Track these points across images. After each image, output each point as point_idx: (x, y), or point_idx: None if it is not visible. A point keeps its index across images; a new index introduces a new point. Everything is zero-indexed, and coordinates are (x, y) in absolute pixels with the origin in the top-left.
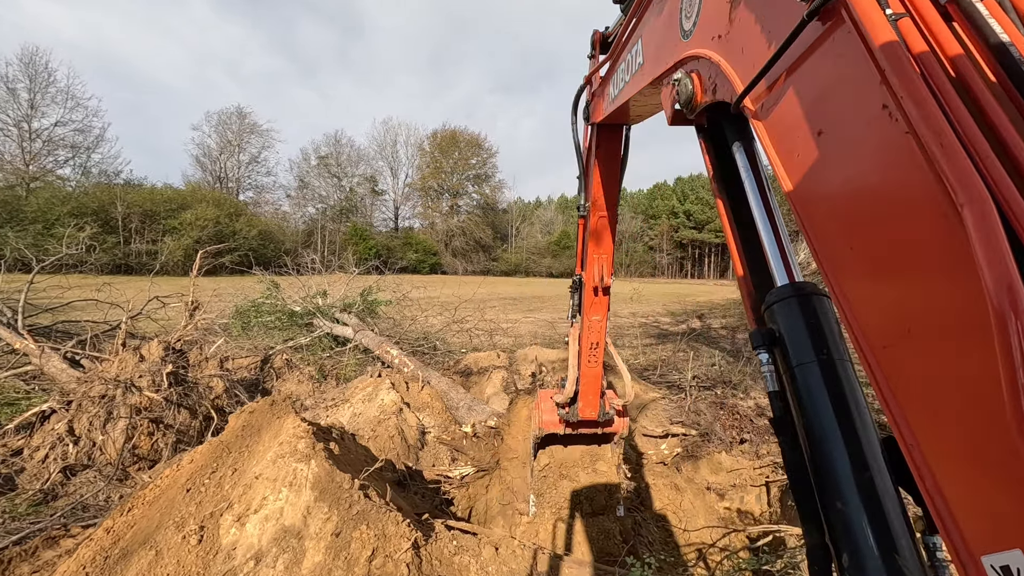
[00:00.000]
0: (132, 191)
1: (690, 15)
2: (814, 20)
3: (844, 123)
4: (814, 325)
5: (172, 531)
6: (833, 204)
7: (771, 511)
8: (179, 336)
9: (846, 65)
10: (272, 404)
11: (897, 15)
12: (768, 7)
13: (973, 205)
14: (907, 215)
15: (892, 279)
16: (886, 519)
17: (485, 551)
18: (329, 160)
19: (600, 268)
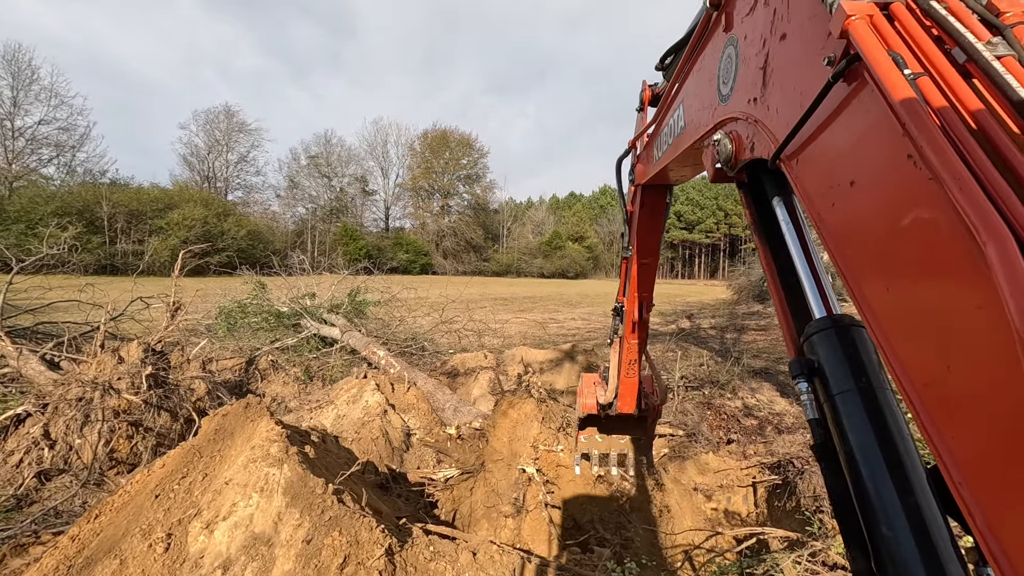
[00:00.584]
0: (118, 190)
1: (727, 81)
2: (839, 82)
3: (874, 173)
4: (853, 354)
5: (138, 539)
6: (868, 249)
7: (758, 512)
8: (160, 337)
9: (872, 121)
10: (246, 407)
11: (916, 74)
12: (797, 71)
13: (994, 242)
14: (937, 256)
15: (928, 318)
16: (934, 546)
17: (462, 557)
18: (319, 160)
19: (640, 304)
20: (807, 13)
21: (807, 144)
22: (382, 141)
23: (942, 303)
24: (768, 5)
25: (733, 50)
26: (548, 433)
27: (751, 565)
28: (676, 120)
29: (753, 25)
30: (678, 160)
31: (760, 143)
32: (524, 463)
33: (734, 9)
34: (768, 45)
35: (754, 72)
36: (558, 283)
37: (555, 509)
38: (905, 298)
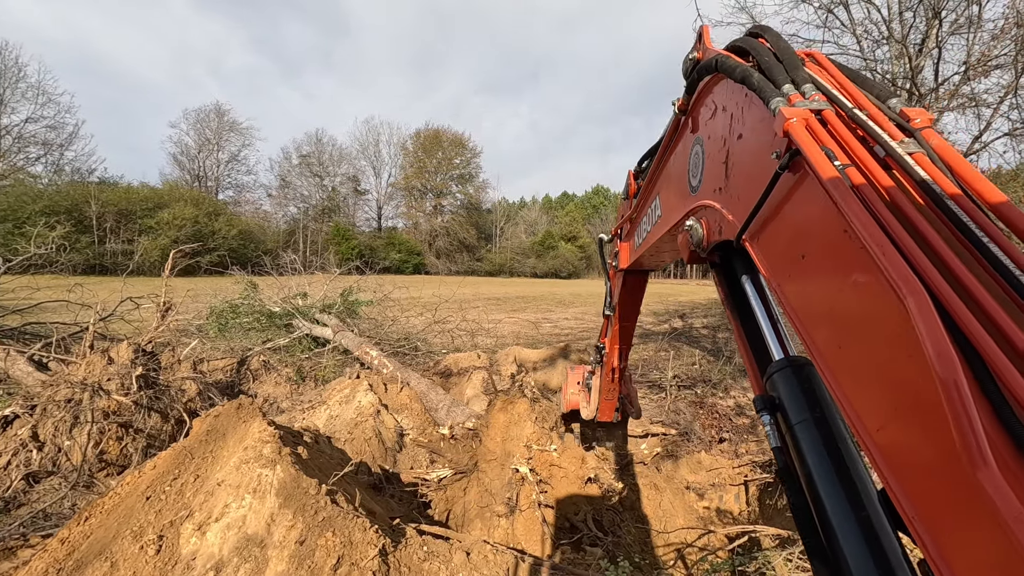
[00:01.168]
0: (107, 189)
1: (696, 174)
2: (785, 172)
3: (819, 247)
4: (807, 389)
5: (129, 541)
6: (820, 312)
7: (750, 510)
8: (150, 338)
9: (813, 203)
10: (238, 407)
11: (845, 165)
12: (752, 164)
13: (912, 297)
14: (873, 313)
15: (873, 369)
16: (887, 557)
17: (456, 557)
18: (311, 159)
19: (618, 354)
20: (757, 117)
21: (765, 225)
22: (374, 140)
23: (882, 354)
24: (726, 111)
25: (700, 148)
26: (542, 433)
27: (743, 563)
28: (654, 210)
29: (715, 127)
30: (656, 245)
31: (726, 226)
32: (518, 463)
33: (699, 114)
34: (728, 143)
35: (718, 166)
36: (551, 283)
37: (548, 508)
38: (853, 352)
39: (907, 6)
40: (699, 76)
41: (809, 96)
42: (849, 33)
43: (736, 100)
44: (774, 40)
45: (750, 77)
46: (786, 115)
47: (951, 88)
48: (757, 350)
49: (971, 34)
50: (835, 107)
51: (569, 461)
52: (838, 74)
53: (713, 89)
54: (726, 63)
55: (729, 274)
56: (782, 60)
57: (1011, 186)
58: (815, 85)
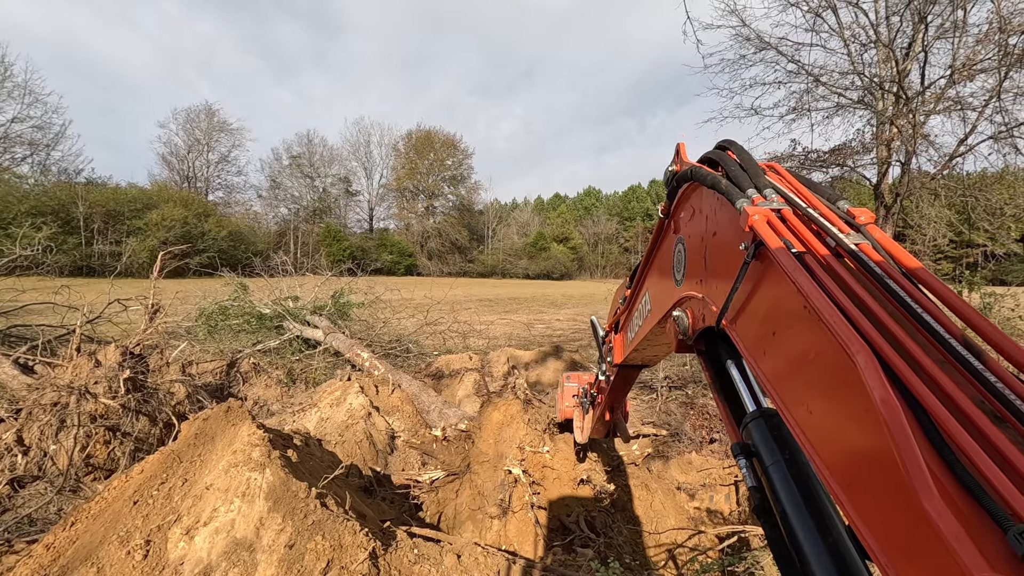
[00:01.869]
0: (95, 190)
1: (680, 269)
2: (754, 260)
3: (786, 323)
4: (777, 435)
5: (116, 546)
6: (791, 382)
7: (740, 510)
8: (138, 340)
9: (778, 285)
10: (227, 411)
11: (801, 253)
12: (726, 257)
13: (859, 355)
14: (833, 376)
15: (838, 427)
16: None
17: (447, 559)
18: (301, 160)
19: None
20: (727, 217)
21: (741, 309)
22: (365, 141)
23: (842, 411)
24: (702, 213)
25: (682, 246)
26: (534, 434)
27: (733, 563)
28: (644, 305)
29: (694, 227)
30: (647, 339)
31: (708, 314)
32: (510, 464)
33: (680, 218)
34: (705, 240)
35: (698, 260)
36: (543, 284)
37: (541, 510)
38: (821, 415)
39: (894, 11)
40: (678, 185)
41: (769, 198)
42: (837, 37)
43: (710, 204)
44: (740, 152)
45: (719, 183)
46: (750, 213)
47: (937, 92)
48: (736, 411)
49: (956, 39)
50: (792, 207)
51: (561, 463)
52: (794, 181)
53: (690, 195)
54: (699, 173)
55: (714, 360)
56: (746, 169)
57: (994, 189)
58: (775, 189)
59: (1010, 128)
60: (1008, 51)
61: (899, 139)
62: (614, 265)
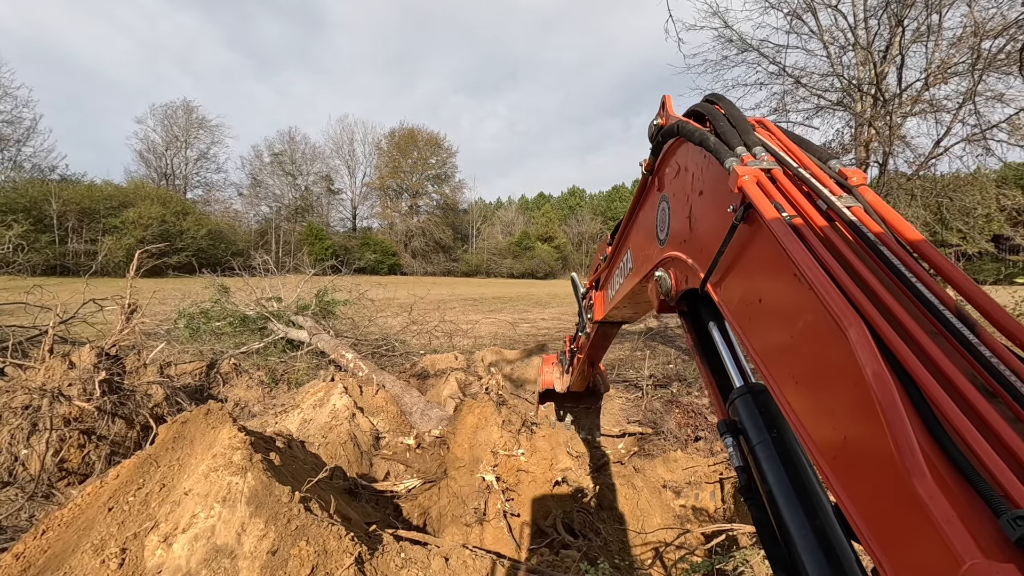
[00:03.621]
0: (68, 187)
1: (663, 229)
2: (742, 223)
3: (773, 290)
4: (765, 412)
5: (89, 555)
6: (778, 350)
7: (725, 507)
8: (114, 341)
9: (766, 250)
10: (207, 413)
11: (792, 216)
12: (712, 218)
13: (852, 327)
14: (822, 345)
15: (824, 399)
16: (840, 564)
17: (435, 563)
18: (283, 157)
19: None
20: (715, 176)
21: (726, 273)
22: (348, 139)
23: (832, 385)
24: (688, 171)
25: (666, 204)
26: (508, 436)
27: (721, 562)
28: (626, 263)
29: (679, 185)
30: (628, 297)
31: (692, 276)
32: (483, 471)
33: (664, 175)
34: (691, 200)
35: (682, 220)
36: (528, 283)
37: (515, 517)
38: (808, 386)
39: (871, 13)
40: (663, 140)
41: (759, 157)
42: (817, 39)
43: (696, 161)
44: (728, 107)
45: (707, 140)
46: (739, 173)
47: (914, 94)
48: (721, 383)
49: (931, 42)
50: (782, 167)
51: (537, 464)
52: (784, 138)
53: (676, 151)
54: (686, 128)
55: (696, 322)
56: (735, 125)
57: (967, 190)
58: (765, 147)
59: (983, 130)
60: (981, 55)
61: (877, 140)
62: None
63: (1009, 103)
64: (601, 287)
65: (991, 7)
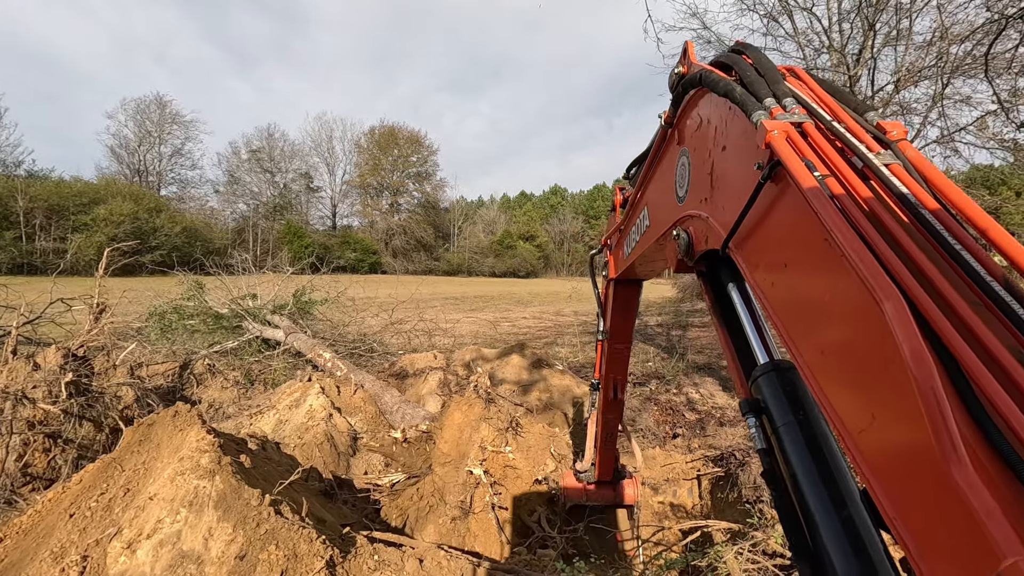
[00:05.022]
0: (36, 183)
1: (682, 185)
2: (768, 182)
3: (801, 255)
4: (791, 392)
5: (49, 563)
6: (803, 318)
7: (702, 503)
8: (82, 342)
9: (795, 212)
10: (174, 415)
11: (824, 176)
12: (736, 175)
13: (889, 301)
14: (854, 317)
15: (853, 373)
16: (868, 556)
17: (409, 565)
18: (261, 154)
19: (614, 385)
20: (740, 130)
21: (749, 235)
22: (327, 137)
23: (862, 359)
24: (711, 124)
25: (686, 159)
26: (496, 434)
27: (695, 558)
28: (643, 220)
29: (700, 139)
30: (646, 255)
31: (712, 236)
32: (472, 464)
33: (685, 127)
34: (713, 155)
35: (703, 177)
36: (509, 282)
37: (503, 510)
38: (834, 358)
39: (844, 17)
40: (684, 90)
41: (790, 109)
42: (792, 41)
43: (720, 113)
44: (756, 56)
45: (733, 91)
46: (768, 128)
47: (885, 97)
48: (743, 355)
49: (902, 46)
50: (815, 120)
51: (524, 462)
52: (818, 88)
53: (698, 103)
54: (710, 77)
55: (715, 283)
56: (764, 75)
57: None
58: (795, 99)
59: (951, 132)
60: (948, 59)
61: None
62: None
63: (976, 106)
64: (616, 247)
65: (959, 12)
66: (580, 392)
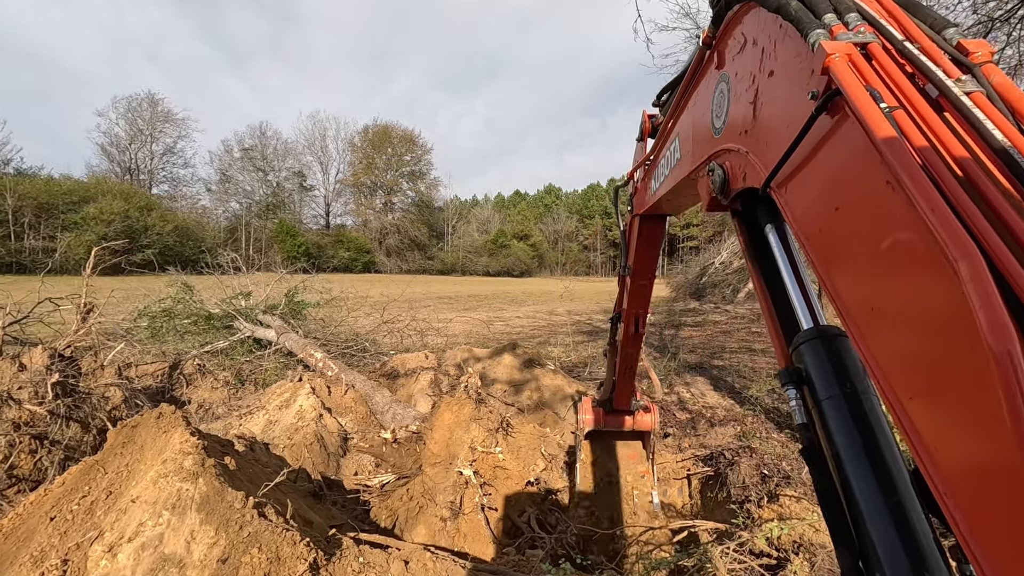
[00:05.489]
0: (24, 181)
1: (720, 114)
2: (823, 115)
3: (857, 199)
4: (838, 362)
5: (28, 567)
6: (853, 271)
7: (692, 503)
8: (69, 342)
9: (853, 150)
10: (159, 416)
11: (891, 108)
12: (784, 105)
13: (965, 259)
14: (916, 274)
15: (909, 335)
16: (917, 544)
17: (394, 567)
18: (254, 153)
19: (635, 319)
20: (792, 52)
21: (795, 173)
22: (320, 135)
23: (921, 320)
24: (757, 45)
25: (725, 86)
26: (486, 434)
27: (683, 558)
28: (673, 152)
29: (743, 63)
30: (675, 190)
31: (752, 173)
32: (461, 465)
33: (726, 48)
34: (757, 81)
35: (745, 106)
36: (503, 281)
37: (492, 511)
38: (887, 316)
39: None
40: (727, 5)
41: (853, 27)
42: None
43: (769, 33)
44: None
45: (787, 6)
46: (827, 50)
47: None
48: (783, 316)
49: None
50: (883, 40)
51: (515, 462)
52: (887, 0)
53: (743, 20)
54: None
55: (752, 224)
56: None
57: None
58: (860, 14)
59: None
60: None
61: None
62: (574, 262)
63: None
64: (643, 180)
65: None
66: (571, 391)
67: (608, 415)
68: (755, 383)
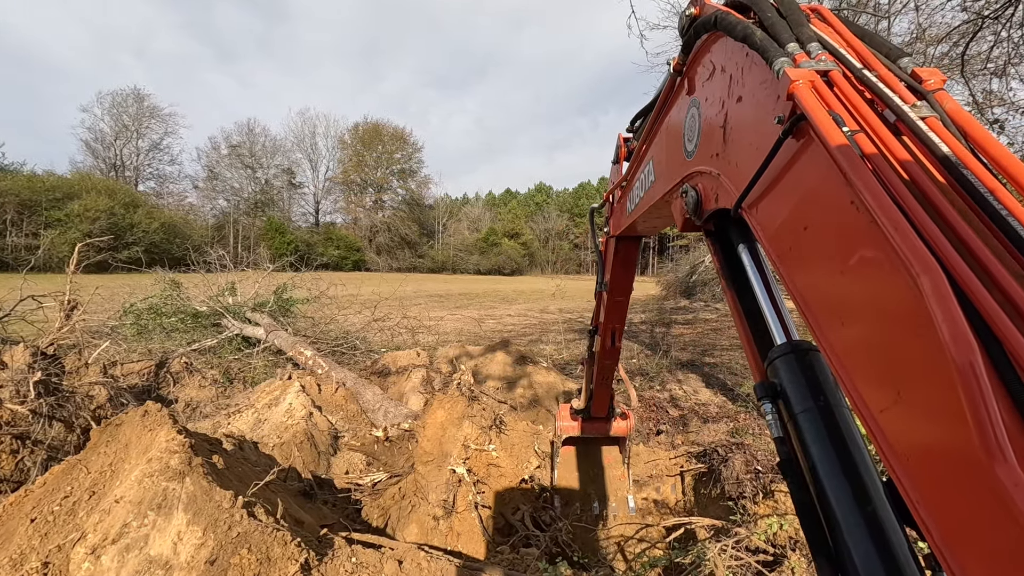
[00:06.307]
0: (6, 177)
1: (692, 138)
2: (789, 138)
3: (823, 218)
4: (811, 376)
5: (7, 570)
6: (823, 288)
7: (686, 500)
8: (52, 340)
9: (818, 172)
10: (144, 415)
11: (853, 131)
12: (753, 129)
13: (926, 274)
14: (880, 291)
15: (877, 348)
16: (892, 552)
17: (387, 567)
18: (242, 150)
19: (611, 334)
20: (758, 79)
21: (765, 194)
22: (310, 133)
23: (888, 333)
24: (725, 72)
25: (696, 111)
26: (479, 432)
27: (679, 555)
28: (647, 175)
29: (713, 89)
30: (649, 212)
31: (723, 194)
32: (454, 463)
33: (696, 75)
34: (726, 106)
35: (715, 130)
36: (494, 280)
37: (486, 509)
38: (857, 330)
39: None
40: (696, 34)
41: (815, 56)
42: None
43: (736, 60)
44: None
45: (752, 35)
46: (792, 77)
47: None
48: (757, 332)
49: None
50: (843, 68)
51: (508, 460)
52: (845, 31)
53: (711, 48)
54: (726, 20)
55: (725, 244)
56: (786, 16)
57: None
58: (821, 44)
59: None
60: (926, 59)
61: None
62: (564, 261)
63: None
64: (619, 202)
65: (936, 13)
66: (564, 389)
67: (586, 422)
68: (747, 380)
